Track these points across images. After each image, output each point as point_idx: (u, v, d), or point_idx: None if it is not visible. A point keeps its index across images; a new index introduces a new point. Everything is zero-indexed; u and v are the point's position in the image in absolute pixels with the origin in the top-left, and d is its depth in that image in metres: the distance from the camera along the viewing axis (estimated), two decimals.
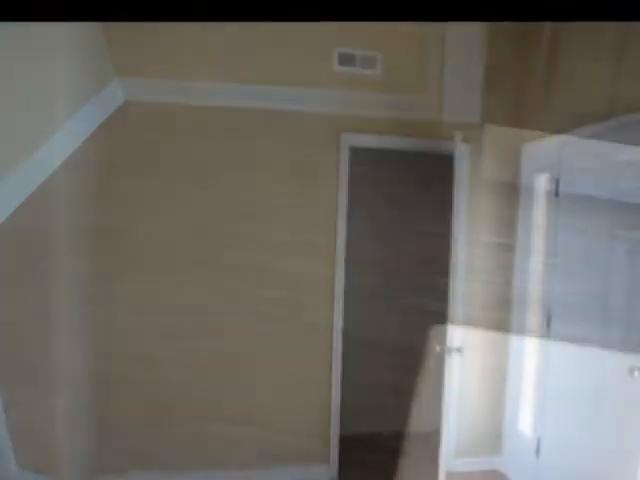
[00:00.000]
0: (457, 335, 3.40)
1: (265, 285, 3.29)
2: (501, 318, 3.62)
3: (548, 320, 3.21)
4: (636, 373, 2.45)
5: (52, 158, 2.78)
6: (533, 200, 3.47)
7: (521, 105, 3.57)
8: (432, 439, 3.26)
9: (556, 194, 3.18)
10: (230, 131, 3.24)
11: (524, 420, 3.49)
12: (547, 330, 3.22)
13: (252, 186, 3.28)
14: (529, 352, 3.47)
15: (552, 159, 3.23)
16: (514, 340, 3.57)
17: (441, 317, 3.08)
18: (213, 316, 3.24)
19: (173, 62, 3.01)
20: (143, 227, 3.11)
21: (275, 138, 3.29)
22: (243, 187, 3.27)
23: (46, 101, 2.57)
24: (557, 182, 3.17)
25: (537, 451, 3.25)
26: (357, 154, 3.51)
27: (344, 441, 3.57)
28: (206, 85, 3.16)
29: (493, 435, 3.64)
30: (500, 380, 3.63)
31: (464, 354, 3.41)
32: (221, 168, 3.23)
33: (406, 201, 4.31)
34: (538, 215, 3.45)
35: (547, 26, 3.31)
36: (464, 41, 3.42)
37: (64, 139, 2.81)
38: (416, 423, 4.30)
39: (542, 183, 3.42)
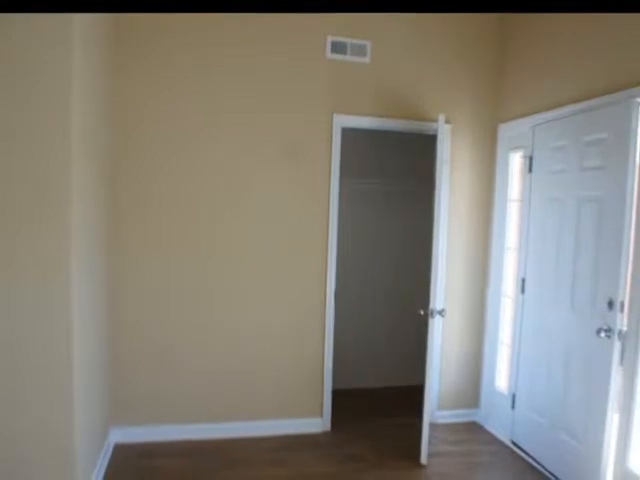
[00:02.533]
0: (439, 299, 3.67)
1: (266, 242, 3.51)
2: (479, 284, 3.91)
3: (522, 286, 3.50)
4: (602, 333, 2.71)
5: None
6: (508, 176, 3.72)
7: (498, 89, 3.80)
8: (417, 394, 3.54)
9: (529, 170, 3.44)
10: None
11: (500, 376, 3.79)
12: (522, 295, 3.51)
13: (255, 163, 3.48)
14: (505, 315, 3.75)
15: (525, 138, 3.47)
16: (492, 304, 3.85)
17: (425, 282, 3.32)
18: (216, 274, 3.45)
19: None
20: None
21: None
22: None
23: None
24: (530, 159, 3.43)
25: (512, 405, 3.56)
26: (348, 134, 3.71)
27: (336, 396, 3.78)
28: None
29: (472, 390, 3.96)
30: (479, 340, 3.93)
31: (446, 317, 3.70)
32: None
33: (392, 176, 4.55)
34: (513, 190, 3.71)
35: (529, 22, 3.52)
36: None
37: None
38: (403, 379, 4.62)
39: (516, 160, 3.67)
